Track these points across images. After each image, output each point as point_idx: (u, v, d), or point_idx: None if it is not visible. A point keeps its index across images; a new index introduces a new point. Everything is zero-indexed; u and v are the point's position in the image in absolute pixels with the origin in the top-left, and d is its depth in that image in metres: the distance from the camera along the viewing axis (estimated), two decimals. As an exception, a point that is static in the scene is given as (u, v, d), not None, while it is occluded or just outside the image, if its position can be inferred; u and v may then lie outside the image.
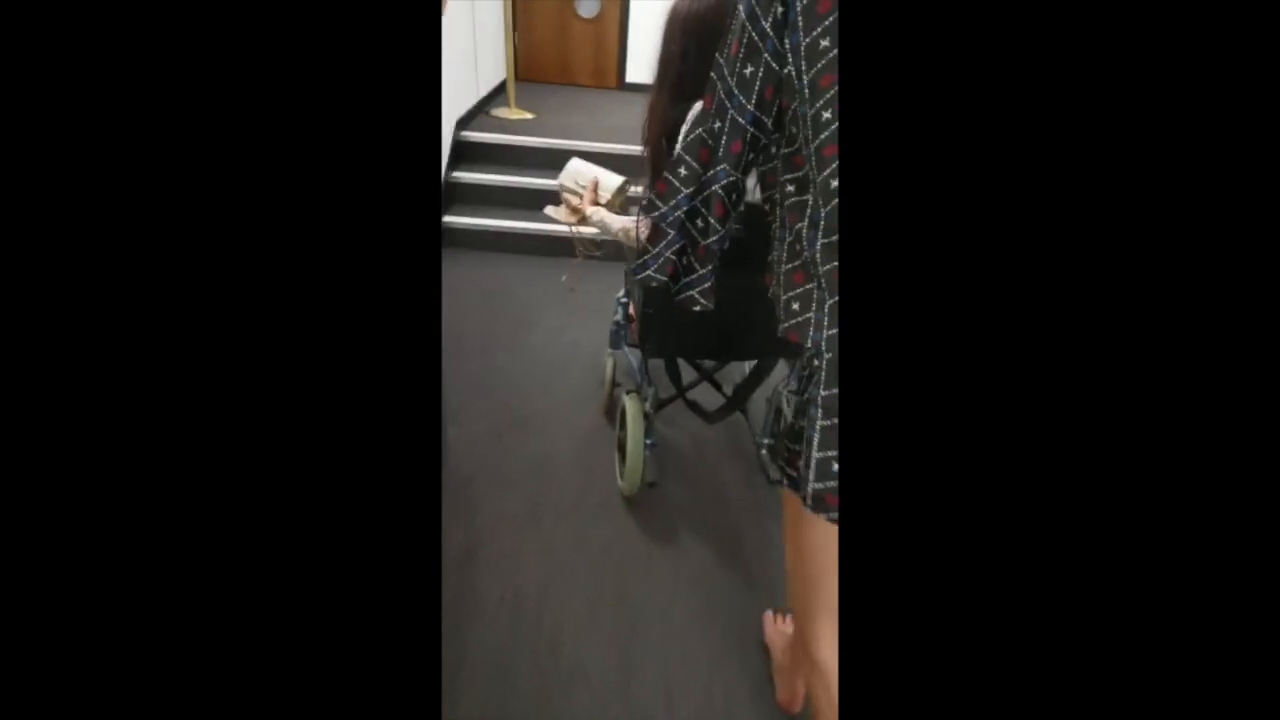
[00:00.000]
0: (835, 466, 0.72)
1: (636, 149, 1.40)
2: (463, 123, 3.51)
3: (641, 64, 5.20)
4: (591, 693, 1.30)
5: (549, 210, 1.66)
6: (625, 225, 1.36)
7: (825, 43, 0.66)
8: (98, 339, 0.38)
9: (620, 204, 1.53)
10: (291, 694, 0.40)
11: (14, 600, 0.37)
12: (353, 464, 0.42)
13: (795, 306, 0.78)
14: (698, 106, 0.92)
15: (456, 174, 3.36)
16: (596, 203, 1.51)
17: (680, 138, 0.98)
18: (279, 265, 0.41)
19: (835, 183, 0.68)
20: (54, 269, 0.37)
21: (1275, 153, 0.34)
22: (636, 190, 1.52)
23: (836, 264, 0.71)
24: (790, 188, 0.77)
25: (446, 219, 3.21)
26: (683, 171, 0.87)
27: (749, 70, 0.76)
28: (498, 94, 4.17)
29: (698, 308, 0.95)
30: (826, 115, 0.68)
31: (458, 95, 3.42)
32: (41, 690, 0.37)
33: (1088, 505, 0.38)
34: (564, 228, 1.60)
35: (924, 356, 0.42)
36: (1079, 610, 0.38)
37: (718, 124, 0.82)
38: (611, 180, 1.54)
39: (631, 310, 1.68)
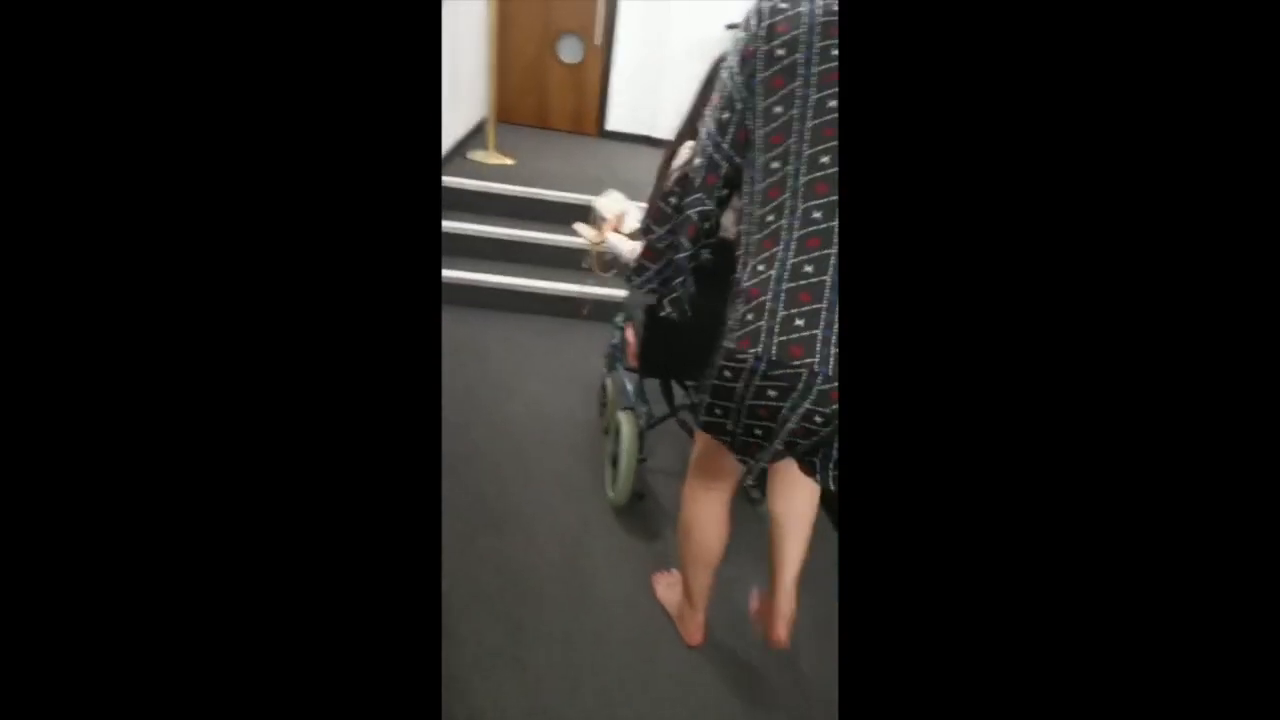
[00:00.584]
0: (717, 411, 0.99)
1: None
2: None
3: (623, 112, 5.08)
4: None
5: (578, 226, 1.90)
6: (632, 249, 1.54)
7: (778, 109, 0.87)
8: (97, 343, 0.39)
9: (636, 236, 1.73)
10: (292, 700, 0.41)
11: (15, 600, 0.37)
12: (353, 464, 0.43)
13: (749, 317, 0.90)
14: (688, 147, 1.14)
15: (428, 221, 3.10)
16: (618, 231, 1.73)
17: (672, 172, 1.13)
18: (279, 271, 0.41)
19: (770, 218, 0.89)
20: (55, 271, 0.38)
21: (1275, 153, 0.34)
22: None
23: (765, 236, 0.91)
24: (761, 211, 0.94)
25: (415, 269, 2.94)
26: (672, 200, 1.07)
27: (725, 116, 0.95)
28: (473, 136, 3.95)
29: (674, 318, 1.12)
30: (774, 165, 0.89)
31: (432, 137, 3.18)
32: (42, 690, 0.37)
33: (1086, 509, 0.38)
34: (583, 242, 1.84)
35: (924, 361, 0.42)
36: (1079, 618, 0.38)
37: (698, 160, 1.00)
38: (636, 216, 1.74)
39: (629, 333, 1.81)
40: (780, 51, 0.86)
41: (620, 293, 2.36)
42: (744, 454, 1.02)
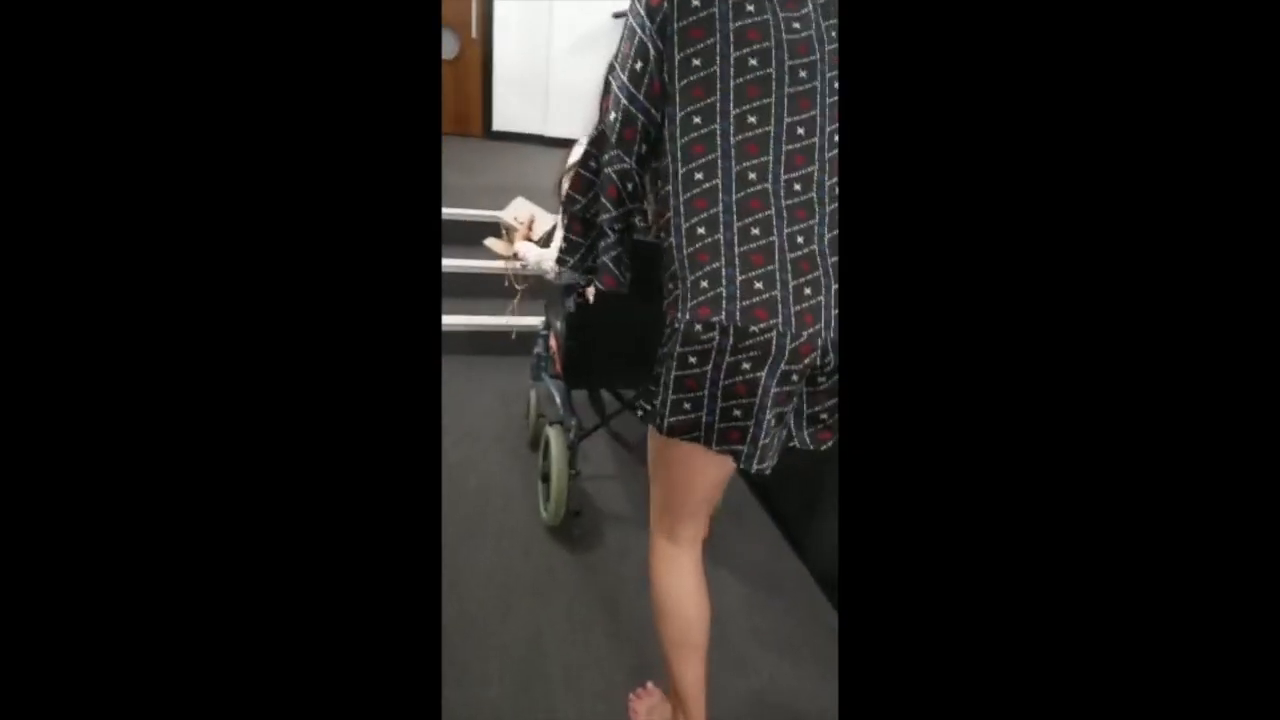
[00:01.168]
0: (685, 406, 0.89)
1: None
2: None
3: (511, 110, 4.74)
4: None
5: (488, 242, 1.85)
6: (540, 256, 1.59)
7: (696, 62, 0.85)
8: (95, 344, 0.39)
9: (544, 241, 1.73)
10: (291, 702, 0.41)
11: (15, 600, 0.37)
12: (352, 465, 0.43)
13: (704, 284, 0.84)
14: (581, 144, 1.19)
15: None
16: (529, 238, 1.73)
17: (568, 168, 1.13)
18: (278, 273, 0.41)
19: (699, 175, 0.85)
20: (51, 269, 0.38)
21: (1275, 153, 0.35)
22: None
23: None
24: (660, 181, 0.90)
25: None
26: (592, 164, 1.00)
27: (639, 66, 0.89)
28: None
29: (611, 281, 1.00)
30: (696, 120, 0.85)
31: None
32: (42, 690, 0.37)
33: (1087, 520, 0.38)
34: (499, 262, 1.84)
35: (922, 369, 0.43)
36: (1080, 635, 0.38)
37: (613, 115, 0.93)
38: (545, 222, 1.77)
39: (553, 342, 1.73)
40: (696, 3, 0.84)
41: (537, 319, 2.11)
42: (726, 444, 0.91)
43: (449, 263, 2.74)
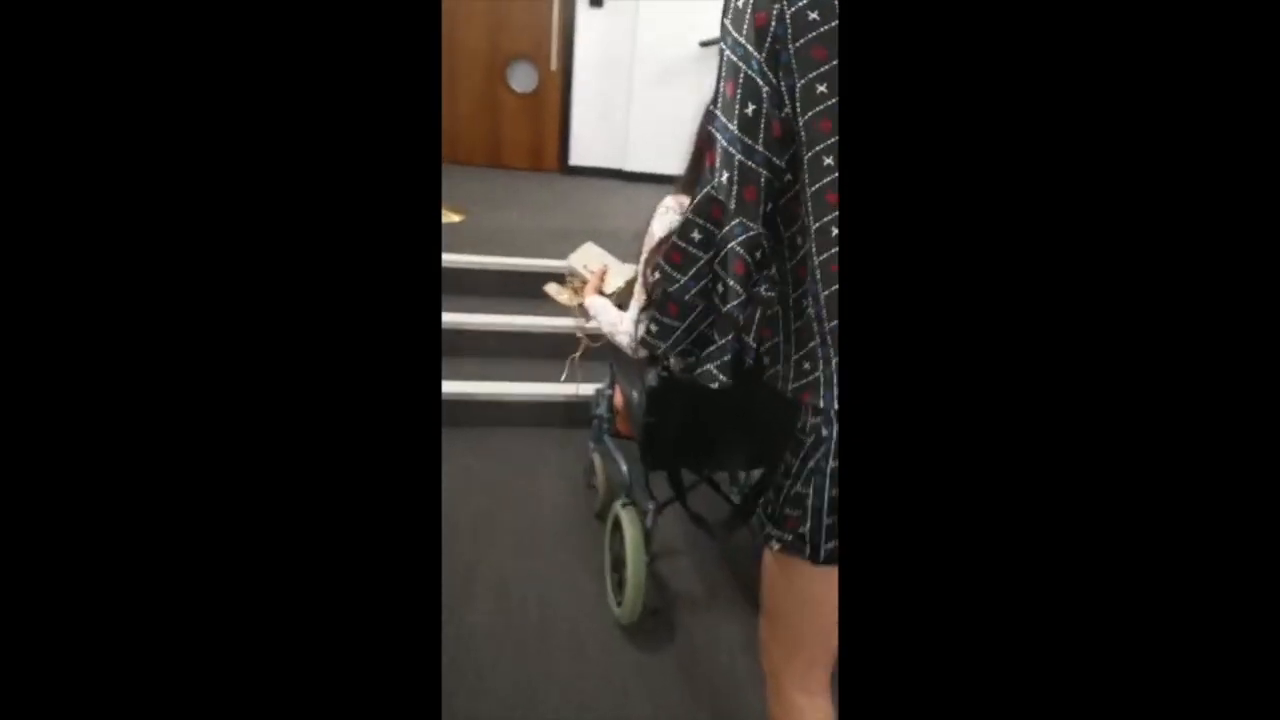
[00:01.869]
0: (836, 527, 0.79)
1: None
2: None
3: (589, 144, 4.51)
4: None
5: (549, 288, 1.62)
6: (615, 321, 1.35)
7: (822, 88, 0.69)
8: (94, 345, 0.39)
9: (620, 300, 1.48)
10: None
11: (13, 601, 0.38)
12: (352, 465, 0.43)
13: (805, 366, 0.77)
14: (666, 208, 1.18)
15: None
16: (601, 292, 1.48)
17: (687, 212, 0.87)
18: (277, 274, 0.42)
19: (836, 230, 0.70)
20: (48, 266, 0.38)
21: (1275, 153, 0.35)
22: None
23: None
24: (799, 239, 0.76)
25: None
26: (696, 236, 0.80)
27: (750, 110, 0.73)
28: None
29: (715, 384, 0.85)
30: (828, 161, 0.70)
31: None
32: (41, 690, 0.38)
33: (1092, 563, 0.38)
34: (561, 312, 1.63)
35: (930, 425, 0.42)
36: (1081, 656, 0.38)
37: (725, 175, 0.75)
38: (621, 275, 1.49)
39: (617, 400, 1.63)
40: (814, 15, 0.68)
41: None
42: (832, 561, 0.79)
43: (508, 320, 2.45)
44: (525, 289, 2.42)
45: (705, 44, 4.19)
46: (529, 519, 1.86)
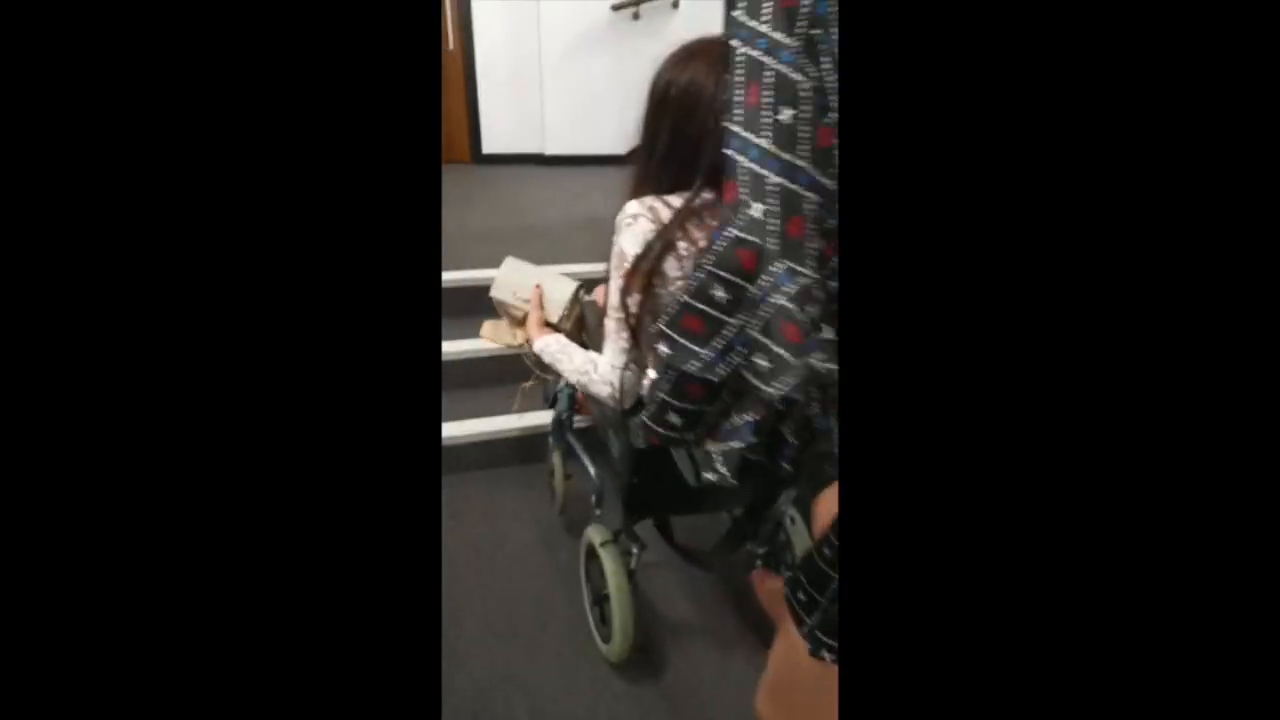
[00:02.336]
0: None
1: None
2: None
3: (503, 128, 4.13)
4: None
5: (485, 331, 1.39)
6: (581, 371, 1.06)
7: None
8: (92, 345, 0.39)
9: (574, 319, 1.25)
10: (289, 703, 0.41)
11: (11, 601, 0.38)
12: (352, 464, 0.43)
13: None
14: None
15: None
16: (548, 322, 1.22)
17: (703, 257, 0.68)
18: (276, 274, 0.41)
19: None
20: (45, 264, 0.38)
21: (1275, 153, 0.34)
22: (589, 298, 1.36)
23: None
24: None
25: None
26: (720, 295, 0.61)
27: (786, 116, 0.54)
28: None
29: (715, 478, 0.76)
30: None
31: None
32: (39, 690, 0.38)
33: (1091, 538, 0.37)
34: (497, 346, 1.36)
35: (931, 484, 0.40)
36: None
37: (755, 206, 0.56)
38: (561, 291, 1.24)
39: (579, 397, 1.48)
40: None
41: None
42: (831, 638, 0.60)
43: (455, 348, 2.11)
44: (451, 307, 2.10)
45: (617, 8, 3.85)
46: (499, 586, 1.56)
